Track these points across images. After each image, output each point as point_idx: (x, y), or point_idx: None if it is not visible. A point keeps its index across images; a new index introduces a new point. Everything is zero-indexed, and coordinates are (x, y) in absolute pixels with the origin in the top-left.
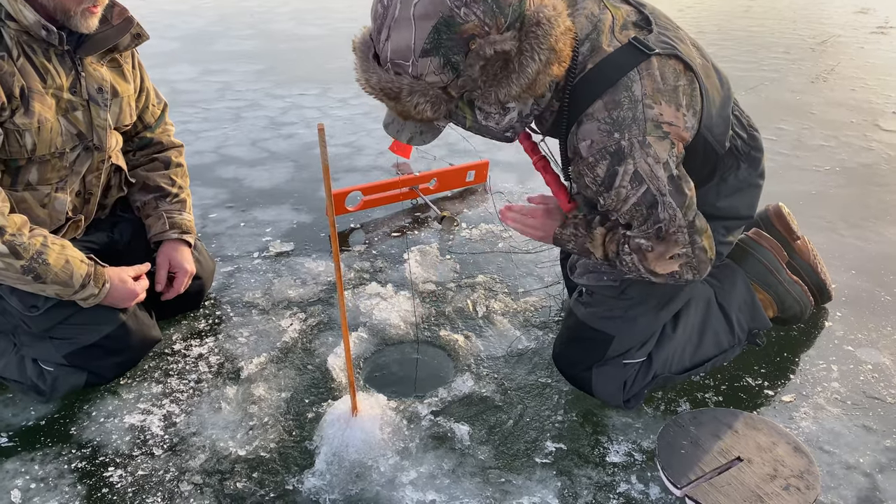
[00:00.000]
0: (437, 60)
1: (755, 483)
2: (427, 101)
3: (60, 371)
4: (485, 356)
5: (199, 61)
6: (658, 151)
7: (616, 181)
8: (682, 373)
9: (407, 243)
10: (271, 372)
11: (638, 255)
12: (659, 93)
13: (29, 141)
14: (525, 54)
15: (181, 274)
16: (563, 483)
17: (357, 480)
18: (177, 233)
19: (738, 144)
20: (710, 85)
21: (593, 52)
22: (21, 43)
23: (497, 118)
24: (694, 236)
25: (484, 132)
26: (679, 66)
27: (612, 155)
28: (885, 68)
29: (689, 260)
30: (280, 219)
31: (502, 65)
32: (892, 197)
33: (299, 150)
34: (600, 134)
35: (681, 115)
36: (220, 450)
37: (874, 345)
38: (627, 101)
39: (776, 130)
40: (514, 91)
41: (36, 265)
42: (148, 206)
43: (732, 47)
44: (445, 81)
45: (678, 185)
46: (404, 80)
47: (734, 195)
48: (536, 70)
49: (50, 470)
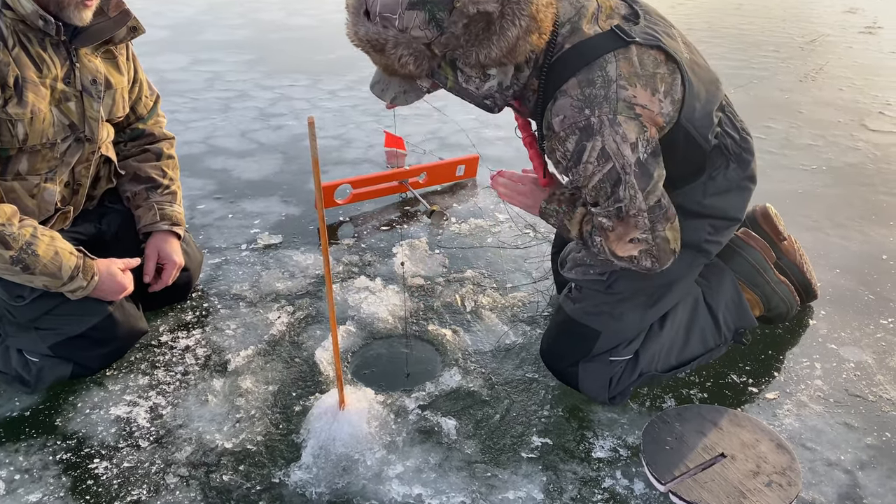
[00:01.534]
0: (423, 15)
1: (738, 479)
2: (410, 53)
3: (46, 362)
4: (472, 351)
5: (189, 51)
6: (627, 131)
7: (584, 156)
8: (668, 371)
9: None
10: (258, 365)
11: (601, 236)
12: (635, 76)
13: (21, 131)
14: (507, 17)
15: (170, 265)
16: (549, 478)
17: (344, 474)
18: (167, 224)
19: (728, 143)
20: (695, 79)
21: (573, 34)
22: (17, 32)
23: (477, 83)
24: (656, 224)
25: (464, 95)
26: (661, 56)
27: (581, 130)
28: (873, 68)
29: (648, 247)
30: (268, 211)
31: (484, 26)
32: (876, 197)
33: (288, 141)
34: (572, 110)
35: (656, 99)
36: (207, 442)
37: (857, 343)
38: (601, 80)
39: (765, 129)
40: (493, 53)
41: (25, 256)
42: (138, 197)
43: (723, 45)
44: (430, 38)
45: (644, 168)
46: (390, 32)
47: (721, 194)
48: (516, 35)
49: (34, 461)
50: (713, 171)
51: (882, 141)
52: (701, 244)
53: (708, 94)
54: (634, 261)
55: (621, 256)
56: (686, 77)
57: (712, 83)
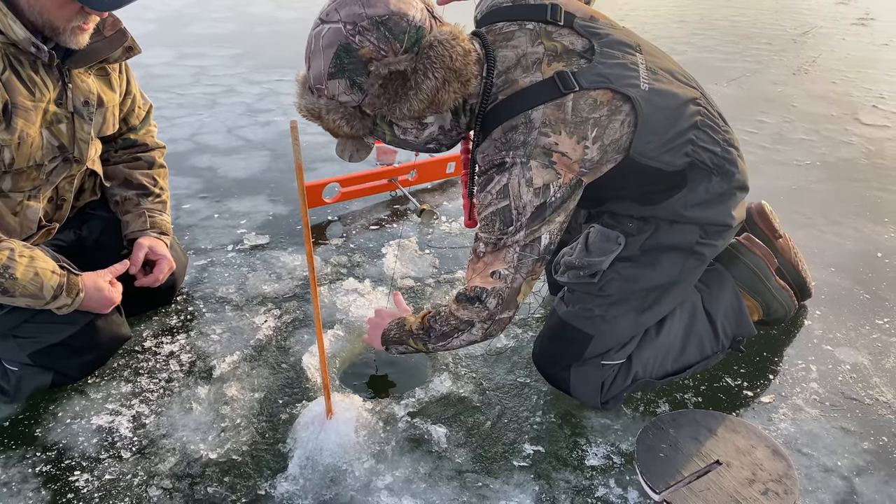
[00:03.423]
0: (344, 82)
1: (734, 488)
2: (342, 117)
3: (25, 371)
4: (463, 354)
5: (175, 44)
6: (535, 176)
7: (488, 186)
8: (662, 377)
9: (387, 237)
10: (244, 371)
11: (471, 263)
12: (561, 123)
13: (7, 156)
14: (419, 73)
15: (163, 261)
16: (541, 487)
17: (331, 485)
18: (155, 233)
19: (706, 158)
20: (652, 110)
21: (507, 86)
22: (8, 55)
23: (416, 132)
24: (521, 267)
25: (405, 146)
26: (604, 97)
27: (496, 166)
28: (866, 61)
29: (502, 286)
30: (255, 210)
31: (401, 83)
32: (870, 193)
33: (276, 138)
34: (493, 150)
35: (581, 147)
36: (191, 452)
37: (852, 344)
38: (523, 126)
39: (757, 123)
40: (415, 106)
41: (2, 280)
42: (129, 203)
43: (715, 37)
44: (357, 101)
45: (542, 212)
46: (322, 101)
47: (703, 206)
48: (434, 87)
49: (13, 474)
50: (695, 184)
51: (876, 135)
52: (693, 247)
53: (674, 119)
54: (482, 294)
55: (472, 290)
56: (639, 112)
57: (682, 105)
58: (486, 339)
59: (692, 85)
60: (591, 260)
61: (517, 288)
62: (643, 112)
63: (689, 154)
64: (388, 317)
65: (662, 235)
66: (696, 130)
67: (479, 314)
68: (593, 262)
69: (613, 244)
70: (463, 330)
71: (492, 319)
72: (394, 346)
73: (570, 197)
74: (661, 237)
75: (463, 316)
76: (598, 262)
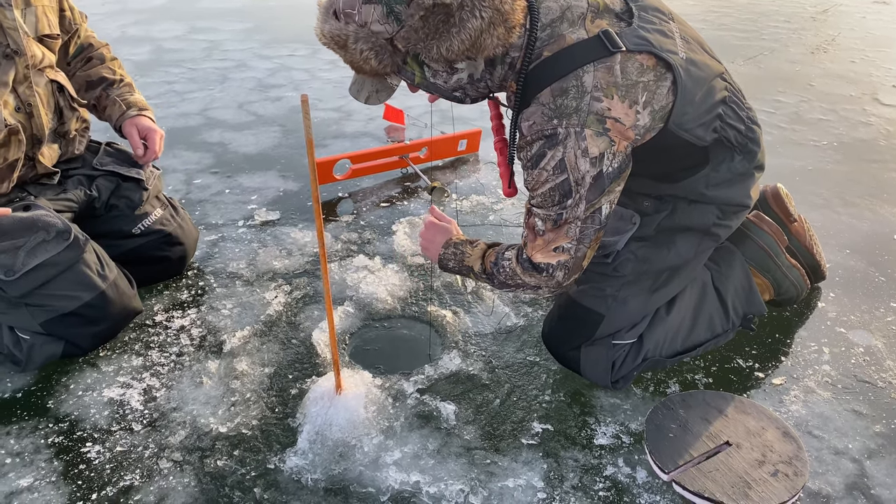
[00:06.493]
0: (381, 9)
1: (743, 469)
2: (371, 49)
3: (37, 340)
4: (473, 333)
5: (186, 18)
6: (590, 145)
7: (542, 162)
8: (673, 356)
9: (398, 214)
10: (254, 346)
11: (526, 241)
12: (613, 86)
13: None
14: (465, 9)
15: (153, 134)
16: (550, 465)
17: (340, 460)
18: (136, 110)
19: (731, 136)
20: (690, 80)
21: (553, 40)
22: None
23: (445, 76)
24: (583, 237)
25: (433, 90)
26: (649, 62)
27: (546, 138)
28: (886, 40)
29: (567, 259)
30: (266, 186)
31: (443, 18)
32: (888, 174)
33: (287, 113)
34: (542, 117)
35: (633, 112)
36: (201, 426)
37: (866, 327)
38: (575, 90)
39: (774, 103)
40: (455, 46)
41: None
42: (102, 99)
43: (732, 14)
44: (390, 32)
45: (601, 181)
46: (351, 27)
47: (724, 185)
48: (478, 27)
49: (26, 444)
50: (717, 163)
51: (895, 116)
52: (710, 228)
53: (707, 92)
54: (548, 269)
55: (537, 264)
56: (680, 80)
57: (714, 78)
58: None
59: (718, 60)
60: (605, 240)
61: (582, 256)
62: (682, 81)
63: (717, 130)
64: (440, 233)
65: (680, 215)
66: (724, 106)
67: (547, 283)
68: (607, 241)
69: (628, 223)
70: (529, 289)
71: (559, 286)
72: (451, 272)
73: (627, 164)
74: (679, 217)
75: (530, 282)
76: (613, 241)
